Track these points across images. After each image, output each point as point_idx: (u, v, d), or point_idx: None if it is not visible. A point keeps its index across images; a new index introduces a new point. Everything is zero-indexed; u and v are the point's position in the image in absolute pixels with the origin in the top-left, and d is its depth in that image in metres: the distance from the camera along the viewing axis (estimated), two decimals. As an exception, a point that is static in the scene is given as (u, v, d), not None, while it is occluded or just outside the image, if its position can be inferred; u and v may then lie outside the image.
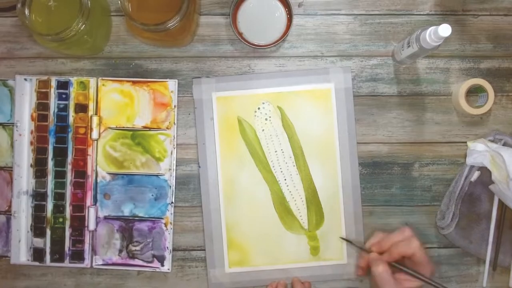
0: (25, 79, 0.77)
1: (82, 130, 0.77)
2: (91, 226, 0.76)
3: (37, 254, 0.77)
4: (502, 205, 0.75)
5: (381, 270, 0.65)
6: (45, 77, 0.77)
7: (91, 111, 0.77)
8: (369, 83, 0.78)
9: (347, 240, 0.74)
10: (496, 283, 0.77)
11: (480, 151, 0.74)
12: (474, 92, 0.78)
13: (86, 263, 0.77)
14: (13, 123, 0.77)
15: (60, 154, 0.77)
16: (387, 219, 0.78)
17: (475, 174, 0.75)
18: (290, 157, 0.77)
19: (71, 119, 0.77)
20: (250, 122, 0.77)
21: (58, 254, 0.77)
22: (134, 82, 0.77)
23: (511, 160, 0.70)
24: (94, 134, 0.76)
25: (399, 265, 0.67)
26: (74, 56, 0.78)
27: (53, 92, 0.77)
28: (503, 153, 0.71)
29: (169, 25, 0.67)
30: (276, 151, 0.77)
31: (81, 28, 0.68)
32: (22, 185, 0.77)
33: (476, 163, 0.74)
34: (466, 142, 0.77)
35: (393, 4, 0.78)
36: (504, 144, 0.75)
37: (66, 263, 0.77)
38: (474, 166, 0.75)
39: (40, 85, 0.77)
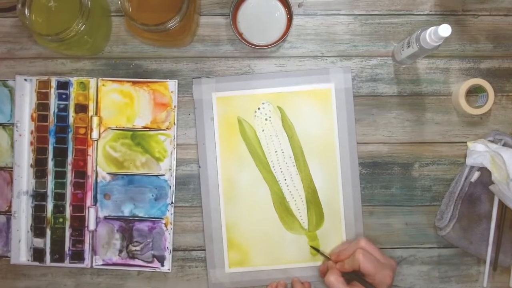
0: (25, 80, 0.77)
1: (82, 131, 0.77)
2: (91, 226, 0.76)
3: (37, 254, 0.77)
4: (502, 206, 0.75)
5: (332, 279, 0.69)
6: (45, 78, 0.77)
7: (91, 112, 0.77)
8: (369, 83, 0.78)
9: (314, 249, 0.76)
10: (496, 283, 0.77)
11: (480, 152, 0.74)
12: (474, 92, 0.78)
13: (86, 263, 0.77)
14: (13, 123, 0.77)
15: (60, 155, 0.77)
16: (387, 219, 0.78)
17: (475, 175, 0.75)
18: (290, 157, 0.77)
19: (71, 119, 0.77)
20: (250, 122, 0.77)
21: (58, 254, 0.77)
22: (134, 82, 0.77)
23: (511, 160, 0.70)
24: (94, 135, 0.76)
25: (353, 274, 0.69)
26: (74, 56, 0.78)
27: (53, 93, 0.77)
28: (503, 153, 0.71)
29: (169, 25, 0.67)
30: (276, 151, 0.77)
31: (81, 29, 0.68)
32: (22, 185, 0.77)
33: (476, 163, 0.74)
34: (466, 142, 0.77)
35: (393, 4, 0.78)
36: (504, 145, 0.75)
37: (66, 263, 0.77)
38: (474, 167, 0.75)
39: (40, 85, 0.77)
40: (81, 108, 0.77)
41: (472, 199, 0.75)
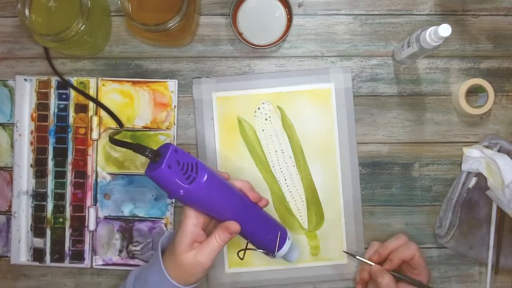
0: (25, 80, 0.77)
1: (82, 130, 0.77)
2: (91, 226, 0.76)
3: (37, 254, 0.77)
4: (501, 209, 0.75)
5: (387, 281, 0.66)
6: (45, 78, 0.77)
7: (91, 111, 0.77)
8: (369, 83, 0.78)
9: (349, 254, 0.74)
10: (497, 283, 0.77)
11: (475, 158, 0.73)
12: (474, 92, 0.78)
13: (86, 263, 0.77)
14: (13, 123, 0.77)
15: (60, 154, 0.77)
16: (387, 219, 0.78)
17: (473, 180, 0.74)
18: (290, 157, 0.77)
19: (71, 119, 0.77)
20: (250, 122, 0.77)
21: (58, 254, 0.77)
22: (134, 82, 0.77)
23: (505, 167, 0.70)
24: (94, 134, 0.76)
25: (400, 274, 0.69)
26: (74, 56, 0.78)
27: (53, 92, 0.77)
28: (498, 160, 0.71)
29: (169, 25, 0.67)
30: (276, 151, 0.77)
31: (81, 29, 0.68)
32: (22, 185, 0.77)
33: (472, 169, 0.74)
34: (466, 142, 0.77)
35: (393, 4, 0.78)
36: (500, 149, 0.74)
37: (66, 263, 0.77)
38: (471, 172, 0.75)
39: (40, 85, 0.77)
40: (81, 108, 0.77)
41: (471, 204, 0.75)
